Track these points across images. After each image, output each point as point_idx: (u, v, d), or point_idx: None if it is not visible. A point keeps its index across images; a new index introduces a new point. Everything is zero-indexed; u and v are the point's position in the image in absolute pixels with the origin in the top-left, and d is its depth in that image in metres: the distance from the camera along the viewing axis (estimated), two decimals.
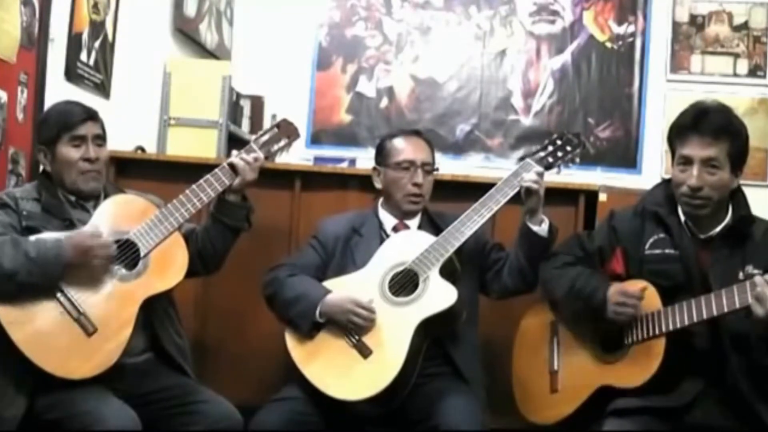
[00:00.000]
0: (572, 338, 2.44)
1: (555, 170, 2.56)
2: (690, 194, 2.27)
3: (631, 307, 2.24)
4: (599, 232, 2.49)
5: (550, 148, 2.56)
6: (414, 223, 2.65)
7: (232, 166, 2.45)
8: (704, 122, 2.25)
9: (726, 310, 2.13)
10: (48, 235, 2.26)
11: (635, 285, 2.28)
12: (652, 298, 2.26)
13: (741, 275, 2.23)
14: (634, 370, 2.25)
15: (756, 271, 2.21)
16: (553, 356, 2.45)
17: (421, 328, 2.38)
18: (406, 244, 2.52)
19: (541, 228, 2.49)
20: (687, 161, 2.27)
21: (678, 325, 2.20)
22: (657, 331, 2.23)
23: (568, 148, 2.56)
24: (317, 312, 2.42)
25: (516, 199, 2.50)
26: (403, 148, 2.64)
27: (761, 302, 2.06)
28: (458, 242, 2.46)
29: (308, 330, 2.44)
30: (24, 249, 2.16)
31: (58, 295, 2.21)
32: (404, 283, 2.45)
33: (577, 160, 2.59)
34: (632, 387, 2.23)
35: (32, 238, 2.22)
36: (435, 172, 2.67)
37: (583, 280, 2.34)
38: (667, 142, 2.38)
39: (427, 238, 2.51)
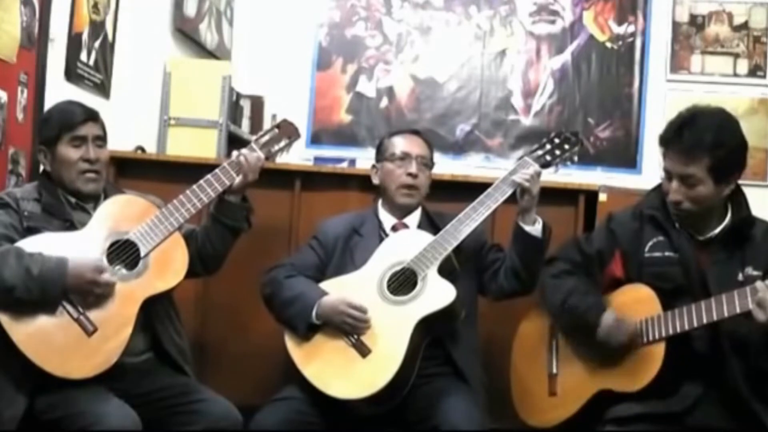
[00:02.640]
0: (571, 341, 2.42)
1: (552, 169, 2.55)
2: (673, 205, 2.27)
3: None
4: (598, 235, 2.47)
5: (548, 146, 2.55)
6: (413, 222, 2.65)
7: (232, 166, 2.45)
8: (679, 141, 2.21)
9: (726, 315, 2.13)
10: (52, 240, 2.25)
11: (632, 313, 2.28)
12: (652, 303, 2.26)
13: (740, 277, 2.23)
14: (634, 375, 2.24)
15: (756, 273, 2.22)
16: (552, 359, 2.44)
17: (420, 326, 2.38)
18: (404, 243, 2.53)
19: (534, 228, 2.48)
20: (668, 174, 2.26)
21: (678, 330, 2.19)
22: (657, 336, 2.22)
23: (566, 147, 2.55)
24: (313, 314, 2.43)
25: (515, 199, 2.49)
26: (401, 142, 2.66)
27: (762, 308, 2.06)
28: (456, 241, 2.46)
29: (305, 331, 2.44)
30: (26, 264, 2.15)
31: None
32: (403, 282, 2.45)
33: (575, 158, 2.57)
34: (631, 391, 2.23)
35: (36, 251, 2.19)
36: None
37: (577, 298, 2.33)
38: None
39: (425, 237, 2.51)
